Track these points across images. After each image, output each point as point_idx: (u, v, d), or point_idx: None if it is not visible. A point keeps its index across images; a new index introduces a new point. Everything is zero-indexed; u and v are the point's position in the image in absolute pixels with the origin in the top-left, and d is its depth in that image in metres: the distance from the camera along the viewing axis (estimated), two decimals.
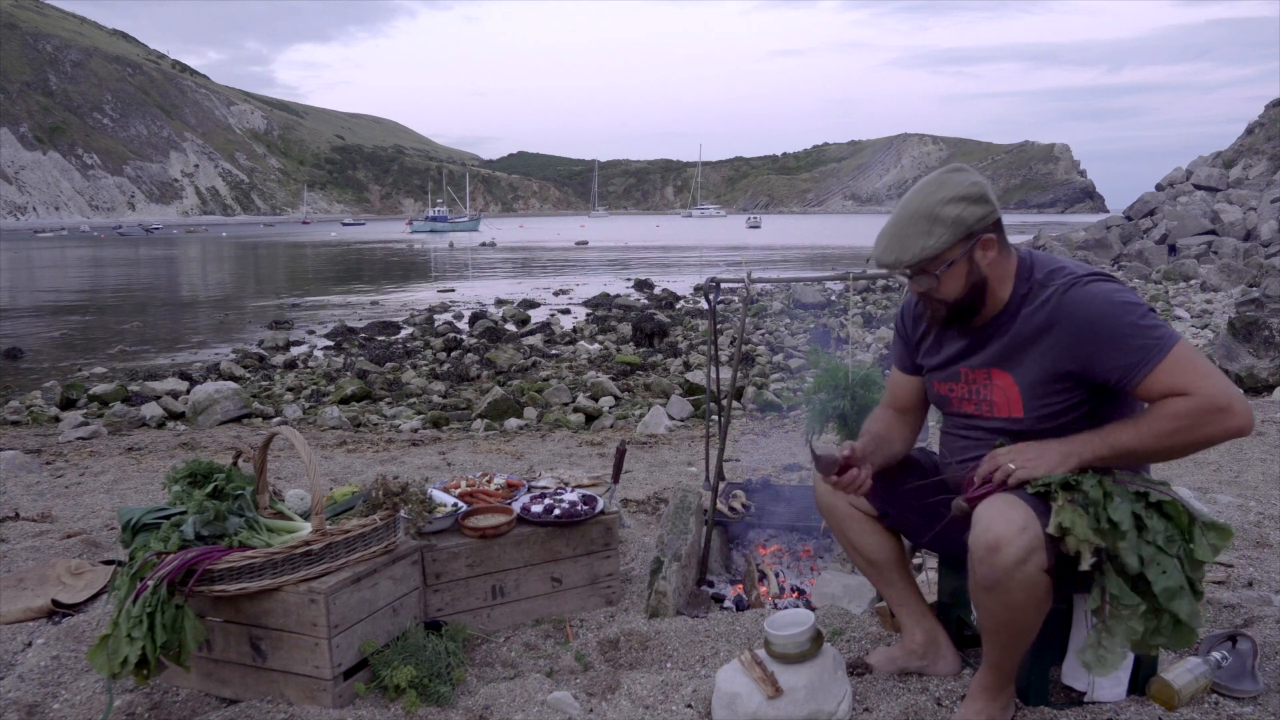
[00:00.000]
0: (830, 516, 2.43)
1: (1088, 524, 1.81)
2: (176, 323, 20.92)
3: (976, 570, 1.89)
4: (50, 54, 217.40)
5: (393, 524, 2.59)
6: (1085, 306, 1.92)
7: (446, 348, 14.96)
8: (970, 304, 2.04)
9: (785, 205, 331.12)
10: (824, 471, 2.15)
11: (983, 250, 1.99)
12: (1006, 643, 1.97)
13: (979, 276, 2.01)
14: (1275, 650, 2.36)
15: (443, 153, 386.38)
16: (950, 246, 1.96)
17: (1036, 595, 1.87)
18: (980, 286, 2.02)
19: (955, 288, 2.02)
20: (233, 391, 9.63)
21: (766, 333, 15.53)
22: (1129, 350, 1.86)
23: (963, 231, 1.96)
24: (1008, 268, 2.04)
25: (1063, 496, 1.86)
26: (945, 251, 1.97)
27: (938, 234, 1.95)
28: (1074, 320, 1.92)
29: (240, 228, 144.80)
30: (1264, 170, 30.64)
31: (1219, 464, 5.06)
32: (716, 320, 3.50)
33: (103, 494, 5.23)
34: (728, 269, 34.21)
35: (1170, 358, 1.84)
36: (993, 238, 1.99)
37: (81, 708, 2.43)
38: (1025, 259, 2.06)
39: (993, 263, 2.01)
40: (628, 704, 2.32)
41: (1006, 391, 2.05)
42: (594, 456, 6.30)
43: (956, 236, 1.96)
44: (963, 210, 1.95)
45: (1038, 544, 1.83)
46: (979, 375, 2.11)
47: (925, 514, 2.26)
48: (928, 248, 1.96)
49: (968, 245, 1.97)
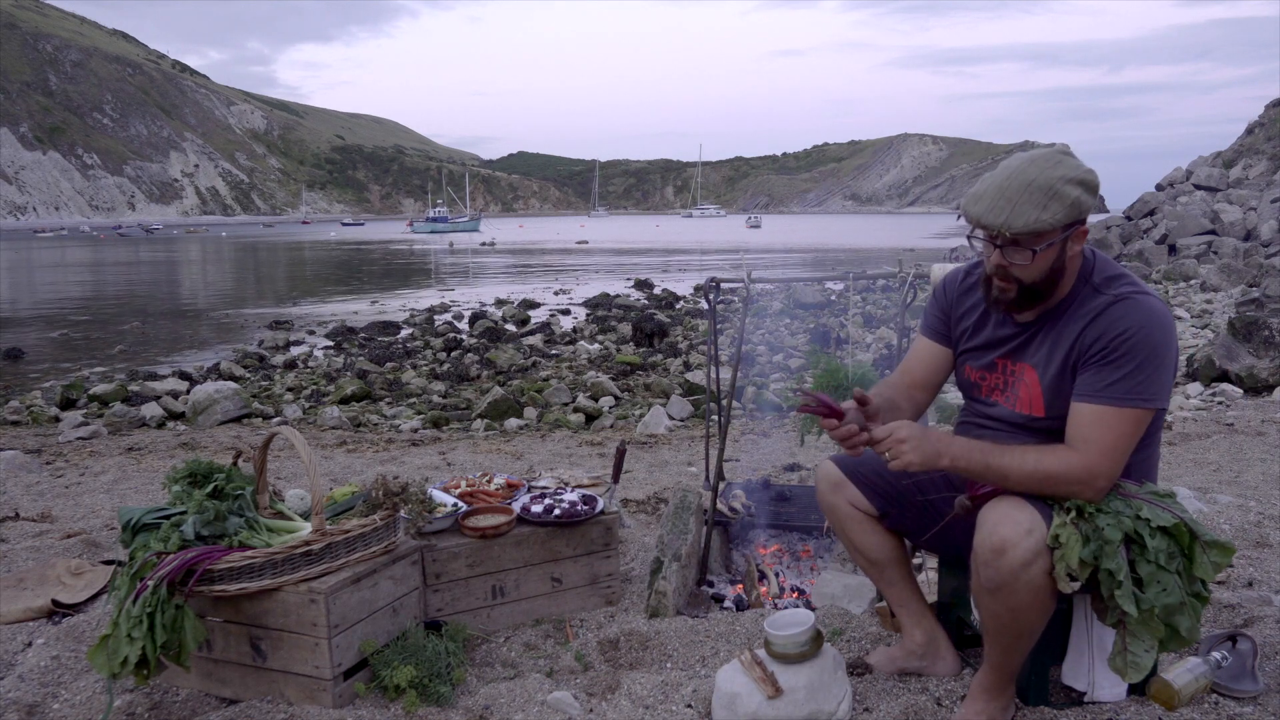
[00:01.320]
0: (832, 516, 2.43)
1: (1079, 552, 1.82)
2: (176, 323, 20.91)
3: (981, 572, 1.88)
4: (50, 54, 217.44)
5: (393, 524, 2.59)
6: (1124, 319, 1.91)
7: (446, 348, 14.95)
8: (1043, 290, 1.99)
9: (785, 205, 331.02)
10: (824, 414, 2.01)
11: (1076, 241, 1.95)
12: (1009, 644, 1.97)
13: (1061, 264, 1.96)
14: (1275, 650, 2.36)
15: (443, 153, 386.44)
16: (1060, 226, 1.89)
17: (1041, 598, 1.87)
18: (1058, 275, 1.97)
19: (1040, 269, 1.95)
20: (233, 391, 9.63)
21: (767, 333, 15.54)
22: (1101, 377, 1.90)
23: (1075, 214, 1.90)
24: (1078, 265, 2.01)
25: (1072, 515, 1.86)
26: (1052, 230, 1.89)
27: (1053, 210, 1.87)
28: (1108, 324, 1.92)
29: (240, 228, 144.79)
30: (1264, 170, 30.63)
31: (1219, 464, 5.06)
32: (716, 320, 3.50)
33: (103, 494, 5.23)
34: (728, 269, 34.20)
35: (1112, 413, 1.89)
36: (1086, 230, 1.95)
37: (81, 708, 2.43)
38: (1089, 259, 2.03)
39: (1074, 256, 1.97)
40: (628, 704, 2.32)
41: (1031, 388, 2.06)
42: (594, 456, 6.30)
43: (1070, 217, 1.89)
44: (1081, 194, 1.89)
45: (1043, 547, 1.83)
46: (1016, 369, 2.10)
47: (926, 511, 2.26)
48: (1041, 220, 1.87)
49: (1069, 230, 1.91)
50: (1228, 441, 5.70)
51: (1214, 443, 5.69)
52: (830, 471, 2.41)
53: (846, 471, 2.38)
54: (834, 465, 2.41)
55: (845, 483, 2.37)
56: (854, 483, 2.36)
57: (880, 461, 2.34)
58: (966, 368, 2.22)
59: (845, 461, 2.40)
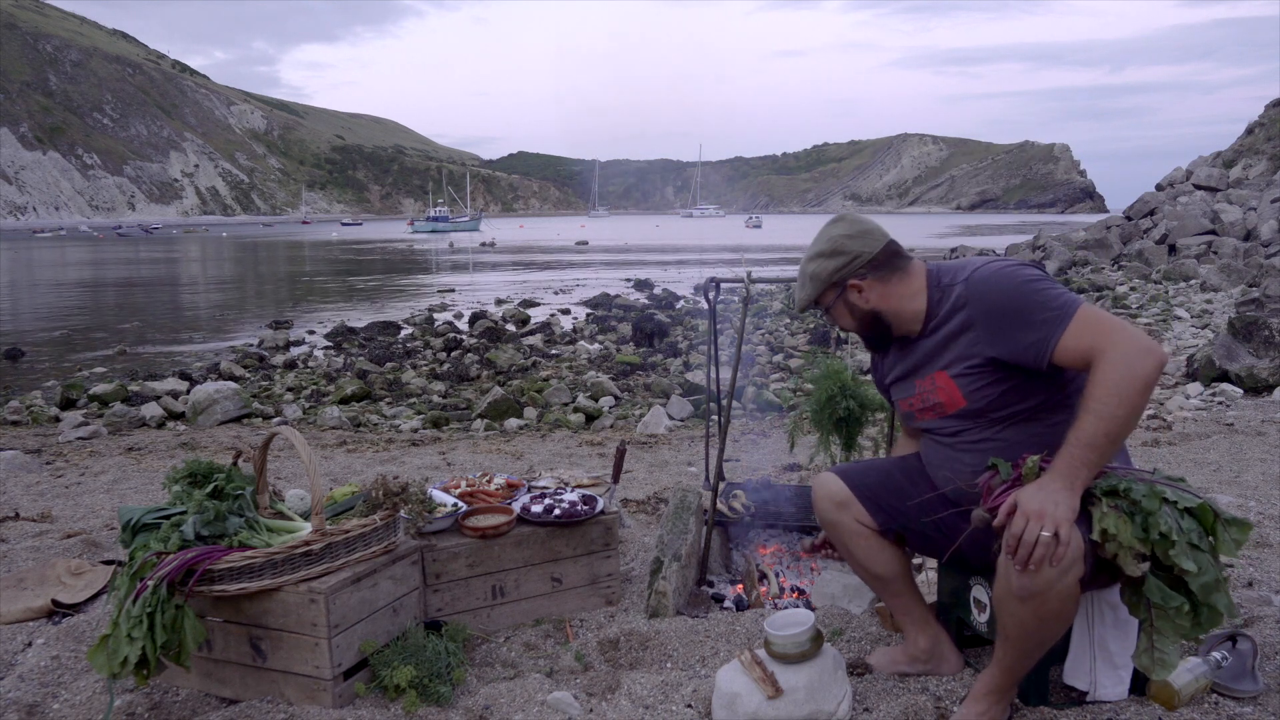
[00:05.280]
0: (835, 533, 2.39)
1: (1133, 531, 1.82)
2: (176, 323, 20.92)
3: (1014, 581, 1.84)
4: (50, 54, 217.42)
5: (393, 524, 2.59)
6: (988, 290, 2.05)
7: (446, 348, 14.95)
8: (874, 332, 2.27)
9: (785, 205, 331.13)
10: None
11: (855, 292, 2.22)
12: (1028, 650, 1.96)
13: (863, 311, 2.24)
14: (1275, 650, 2.36)
15: (443, 153, 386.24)
16: (819, 295, 2.26)
17: (1069, 606, 1.87)
18: (870, 318, 2.24)
19: (847, 323, 2.29)
20: (233, 391, 9.63)
21: (767, 333, 15.53)
22: (1036, 325, 1.95)
23: (821, 284, 2.24)
24: (905, 289, 2.20)
25: (1106, 502, 1.86)
26: (819, 299, 2.27)
27: (806, 288, 2.28)
28: (982, 305, 2.05)
29: (240, 228, 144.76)
30: (1264, 170, 30.62)
31: (1219, 464, 5.06)
32: (716, 320, 3.50)
33: (103, 494, 5.23)
34: (728, 269, 34.18)
35: (1076, 321, 1.92)
36: (859, 283, 2.21)
37: (81, 708, 2.43)
38: (933, 271, 2.22)
39: (875, 297, 2.22)
40: (628, 704, 2.32)
41: (947, 389, 2.14)
42: (594, 456, 6.30)
43: (819, 289, 2.25)
44: (818, 266, 2.24)
45: (1079, 555, 1.81)
46: (925, 383, 2.21)
47: (939, 529, 2.24)
48: (801, 299, 2.31)
49: (837, 292, 2.24)
50: (1228, 441, 5.70)
51: (1214, 443, 5.69)
52: (835, 488, 2.36)
53: (852, 487, 2.34)
54: (839, 480, 2.37)
55: (851, 500, 2.33)
56: (859, 499, 2.33)
57: (882, 474, 2.37)
58: (900, 403, 2.35)
59: (851, 475, 2.37)
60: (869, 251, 2.20)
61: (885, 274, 2.21)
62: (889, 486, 2.33)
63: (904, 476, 2.35)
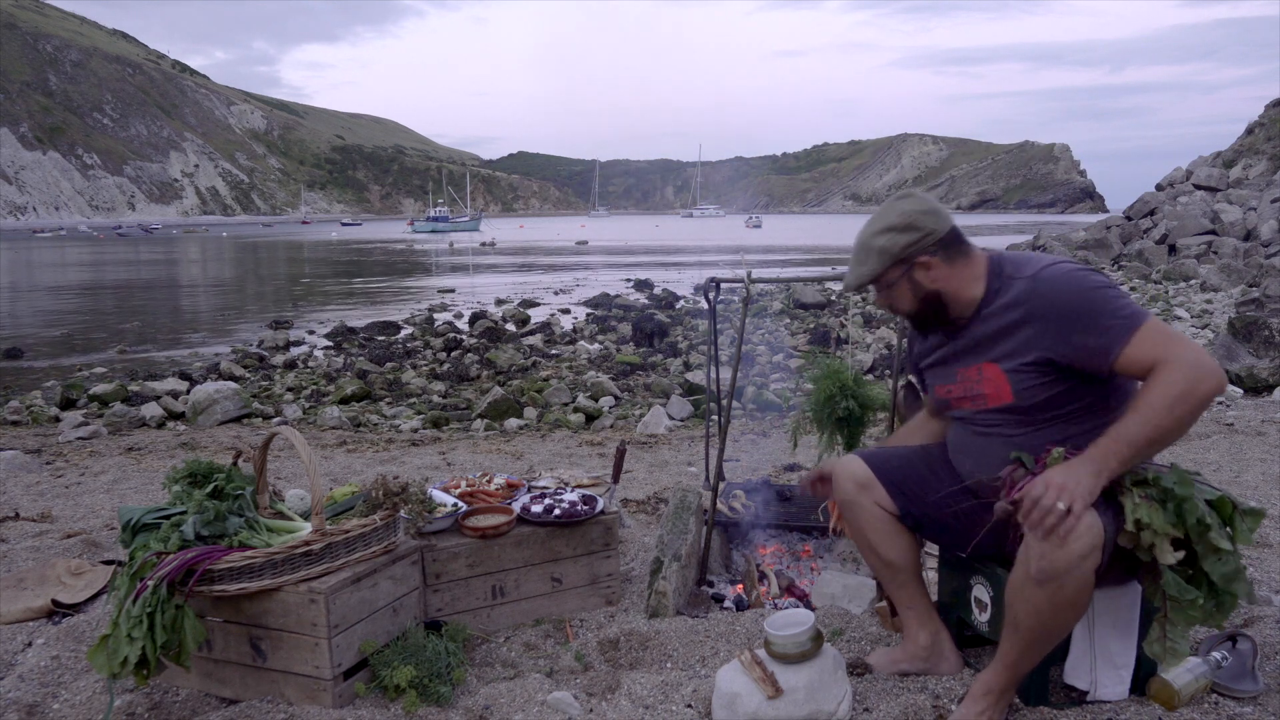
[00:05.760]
0: (852, 514, 2.39)
1: (1165, 518, 1.85)
2: (176, 323, 20.92)
3: (1034, 564, 1.86)
4: (50, 54, 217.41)
5: (393, 524, 2.59)
6: (1056, 291, 2.03)
7: (446, 348, 14.95)
8: (930, 313, 2.22)
9: (785, 205, 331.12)
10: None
11: (923, 270, 2.16)
12: (1035, 642, 1.97)
13: (926, 291, 2.19)
14: (1275, 650, 2.37)
15: (443, 153, 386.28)
16: (885, 271, 2.18)
17: (1083, 596, 1.89)
18: (933, 298, 2.19)
19: (906, 303, 2.23)
20: (233, 391, 9.62)
21: (767, 333, 15.54)
22: (1101, 330, 1.95)
23: (890, 259, 2.17)
24: (969, 272, 2.17)
25: (1137, 493, 1.88)
26: (883, 275, 2.19)
27: (870, 262, 2.20)
28: (1048, 305, 2.03)
29: (240, 228, 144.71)
30: (1264, 170, 30.63)
31: (1219, 464, 5.06)
32: (716, 320, 3.50)
33: (103, 494, 5.23)
34: (728, 269, 34.20)
35: (1144, 330, 1.93)
36: (929, 259, 2.15)
37: (81, 708, 2.43)
38: (995, 259, 2.20)
39: (941, 277, 2.17)
40: (628, 704, 2.32)
41: (995, 381, 2.12)
42: (594, 456, 6.30)
43: (886, 263, 2.18)
44: (889, 240, 2.16)
45: (1099, 542, 1.84)
46: (971, 372, 2.19)
47: (961, 521, 2.25)
48: (863, 275, 2.22)
49: (904, 268, 2.17)
50: (1228, 441, 5.70)
51: (1214, 443, 5.69)
52: (857, 469, 2.37)
53: (875, 469, 2.35)
54: (861, 462, 2.38)
55: (873, 482, 2.34)
56: (882, 482, 2.34)
57: (904, 460, 2.37)
58: (935, 388, 2.34)
59: (875, 459, 2.39)
60: (940, 230, 2.17)
61: (952, 254, 2.18)
62: (911, 474, 2.34)
63: (925, 465, 2.35)
